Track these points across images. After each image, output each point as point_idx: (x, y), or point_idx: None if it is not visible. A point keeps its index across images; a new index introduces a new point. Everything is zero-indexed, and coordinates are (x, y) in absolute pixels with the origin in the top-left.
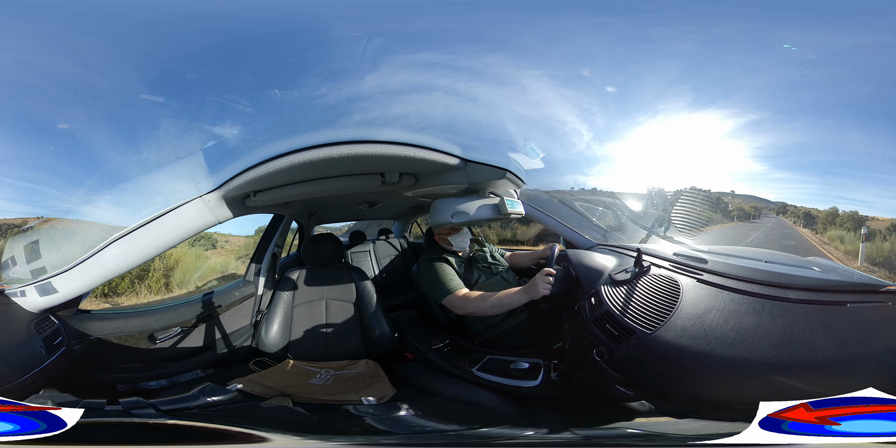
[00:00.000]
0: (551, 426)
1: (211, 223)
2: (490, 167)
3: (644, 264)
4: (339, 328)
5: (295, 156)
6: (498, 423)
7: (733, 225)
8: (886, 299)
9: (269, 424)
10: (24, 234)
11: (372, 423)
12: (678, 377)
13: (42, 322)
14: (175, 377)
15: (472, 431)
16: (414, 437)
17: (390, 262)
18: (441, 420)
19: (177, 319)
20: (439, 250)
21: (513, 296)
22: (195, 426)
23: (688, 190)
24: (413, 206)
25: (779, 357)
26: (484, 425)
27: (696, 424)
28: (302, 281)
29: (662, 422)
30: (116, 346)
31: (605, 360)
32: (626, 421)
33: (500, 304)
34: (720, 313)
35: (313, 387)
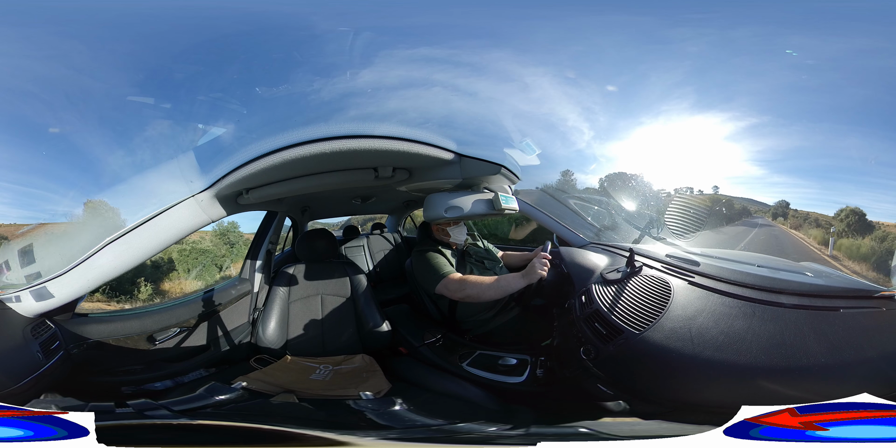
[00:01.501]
0: (522, 423)
1: (205, 222)
2: (485, 162)
3: (636, 264)
4: (334, 323)
5: (287, 152)
6: (479, 418)
7: (727, 227)
8: (880, 305)
9: (288, 421)
10: (17, 239)
11: (373, 419)
12: (663, 378)
13: (38, 327)
14: (179, 378)
15: (452, 426)
16: (408, 432)
17: (384, 256)
18: (433, 415)
19: (175, 320)
20: (433, 242)
21: (510, 279)
22: (219, 425)
23: (681, 191)
24: (407, 201)
25: (768, 362)
26: (465, 420)
27: (660, 426)
28: (297, 277)
29: (619, 422)
30: (116, 348)
31: (591, 358)
32: (592, 420)
33: (497, 287)
34: (710, 316)
35: (314, 382)
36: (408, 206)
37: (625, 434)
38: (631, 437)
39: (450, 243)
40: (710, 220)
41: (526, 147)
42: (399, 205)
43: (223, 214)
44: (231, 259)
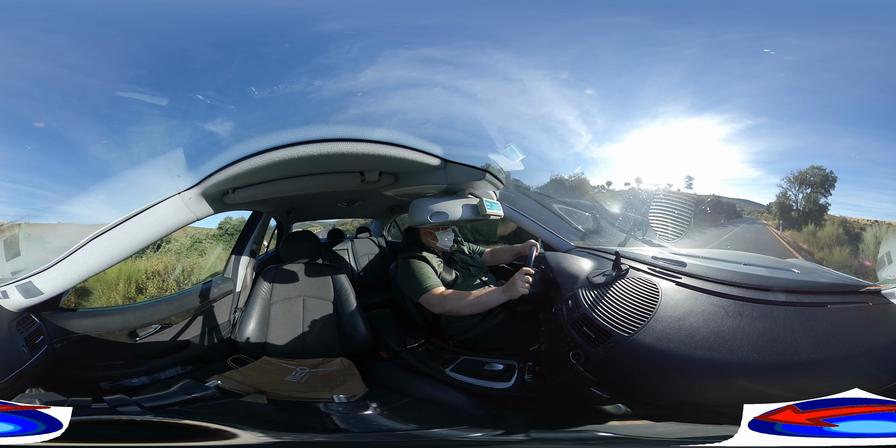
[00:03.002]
0: (519, 428)
1: (189, 220)
2: (470, 168)
3: (622, 267)
4: (315, 326)
5: (275, 153)
6: (461, 423)
7: (713, 227)
8: (867, 300)
9: (242, 421)
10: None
11: (336, 422)
12: (657, 380)
13: (23, 321)
14: (156, 374)
15: (428, 432)
16: (372, 436)
17: (369, 261)
18: (405, 420)
19: (156, 316)
20: (418, 248)
21: (491, 295)
22: (177, 423)
23: (666, 192)
24: (392, 205)
25: (760, 359)
26: (443, 426)
27: (677, 428)
28: (280, 278)
29: (638, 425)
30: (98, 343)
31: (581, 362)
32: (599, 424)
33: (477, 303)
34: (700, 316)
35: (288, 384)
36: (393, 211)
37: (646, 436)
38: (659, 439)
39: (436, 249)
40: (694, 220)
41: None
42: (384, 209)
43: (209, 213)
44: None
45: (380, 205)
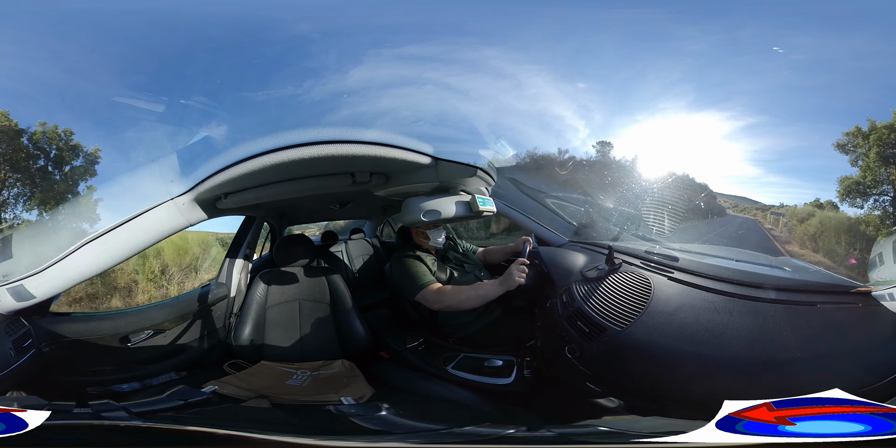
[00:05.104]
0: (528, 424)
1: (183, 226)
2: (461, 165)
3: (615, 262)
4: (313, 329)
5: (266, 157)
6: (478, 421)
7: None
8: (857, 301)
9: (252, 425)
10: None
11: (361, 424)
12: (647, 374)
13: (12, 324)
14: (148, 380)
15: (459, 430)
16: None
17: (364, 261)
18: (424, 419)
19: (149, 322)
20: (412, 248)
21: (488, 287)
22: (171, 429)
23: (659, 187)
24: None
25: (747, 356)
26: (467, 424)
27: (660, 422)
28: (274, 282)
29: (628, 419)
30: (87, 348)
31: (576, 357)
32: (595, 419)
33: (475, 296)
34: (691, 311)
35: (290, 388)
36: (385, 211)
37: (633, 431)
38: (643, 434)
39: (429, 248)
40: (688, 215)
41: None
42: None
43: (202, 218)
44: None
45: (372, 206)
